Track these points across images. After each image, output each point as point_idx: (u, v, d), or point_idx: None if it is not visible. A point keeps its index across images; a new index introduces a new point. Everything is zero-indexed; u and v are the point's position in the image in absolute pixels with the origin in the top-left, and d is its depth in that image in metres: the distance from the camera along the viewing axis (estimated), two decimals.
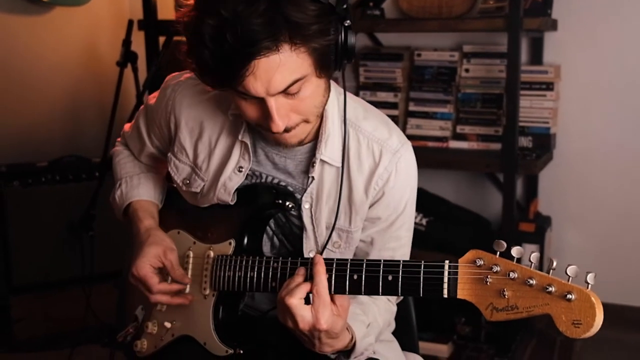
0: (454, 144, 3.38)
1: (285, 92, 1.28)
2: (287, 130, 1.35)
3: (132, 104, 3.38)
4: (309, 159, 1.49)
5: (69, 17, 3.61)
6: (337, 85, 1.48)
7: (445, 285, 1.21)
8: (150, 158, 1.73)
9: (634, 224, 3.34)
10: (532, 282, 1.13)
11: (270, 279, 1.41)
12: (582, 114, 3.35)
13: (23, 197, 3.15)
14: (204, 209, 1.57)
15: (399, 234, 1.53)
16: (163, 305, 1.58)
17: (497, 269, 1.16)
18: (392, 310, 1.58)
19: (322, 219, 1.49)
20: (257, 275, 1.43)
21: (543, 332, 3.24)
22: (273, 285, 1.41)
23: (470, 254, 1.20)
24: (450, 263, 1.22)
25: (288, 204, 1.48)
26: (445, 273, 1.22)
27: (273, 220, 1.56)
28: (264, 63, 1.22)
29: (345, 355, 1.41)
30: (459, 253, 1.22)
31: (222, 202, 1.53)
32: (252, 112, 1.34)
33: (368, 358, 1.46)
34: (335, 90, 1.47)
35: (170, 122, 1.58)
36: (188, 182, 1.57)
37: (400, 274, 1.27)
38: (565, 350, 3.13)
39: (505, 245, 1.16)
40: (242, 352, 1.49)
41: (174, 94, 1.57)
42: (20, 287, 3.17)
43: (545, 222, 3.34)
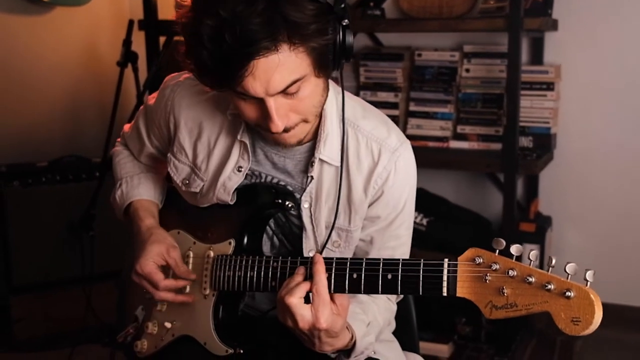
0: (455, 144, 3.38)
1: (284, 92, 1.28)
2: (286, 130, 1.35)
3: (132, 104, 3.38)
4: (308, 159, 1.49)
5: (69, 17, 3.62)
6: (335, 85, 1.48)
7: (445, 284, 1.21)
8: (150, 158, 1.73)
9: (634, 224, 3.33)
10: (531, 279, 1.12)
11: (270, 279, 1.41)
12: (582, 114, 3.35)
13: (23, 197, 3.15)
14: (204, 209, 1.57)
15: (399, 233, 1.53)
16: (163, 306, 1.58)
17: (496, 267, 1.16)
18: (392, 309, 1.58)
19: (321, 219, 1.49)
20: (257, 275, 1.43)
21: (543, 332, 3.23)
22: (273, 285, 1.41)
23: (470, 252, 1.20)
24: (450, 261, 1.22)
25: (288, 204, 1.48)
26: (445, 271, 1.22)
27: (273, 220, 1.56)
28: (263, 63, 1.22)
29: (346, 355, 1.41)
30: (460, 253, 1.22)
31: (221, 202, 1.53)
32: (251, 112, 1.34)
33: (369, 358, 1.46)
34: (334, 90, 1.47)
35: (170, 122, 1.58)
36: (187, 182, 1.58)
37: (400, 273, 1.27)
38: (566, 350, 3.13)
39: (505, 244, 1.16)
40: (242, 351, 1.48)
41: (173, 95, 1.57)
42: (21, 287, 3.17)
43: (546, 222, 3.34)
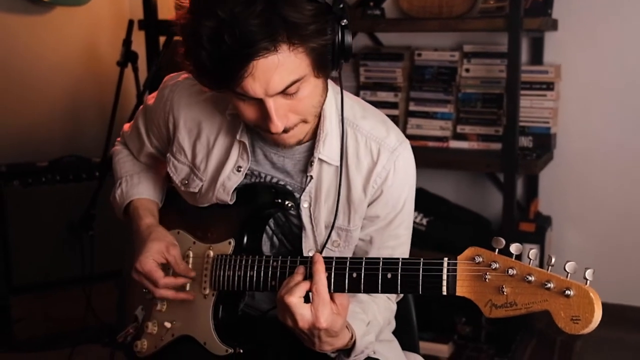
0: (454, 144, 3.38)
1: (284, 92, 1.28)
2: (285, 131, 1.35)
3: (132, 104, 3.38)
4: (307, 158, 1.49)
5: (70, 17, 3.62)
6: (334, 85, 1.48)
7: (445, 283, 1.21)
8: (150, 158, 1.73)
9: (634, 224, 3.33)
10: (530, 278, 1.12)
11: (270, 278, 1.41)
12: (582, 114, 3.35)
13: (23, 196, 3.15)
14: (204, 209, 1.57)
15: (398, 233, 1.53)
16: (163, 305, 1.58)
17: (495, 266, 1.16)
18: (391, 309, 1.58)
19: (321, 218, 1.49)
20: (256, 275, 1.43)
21: (543, 332, 3.24)
22: (273, 284, 1.41)
23: (469, 251, 1.20)
24: (449, 260, 1.22)
25: (287, 203, 1.48)
26: (444, 270, 1.22)
27: (272, 220, 1.56)
28: (263, 64, 1.22)
29: (346, 354, 1.41)
30: (459, 253, 1.22)
31: (221, 201, 1.53)
32: (250, 113, 1.34)
33: (369, 358, 1.46)
34: (333, 90, 1.47)
35: (169, 122, 1.58)
36: (186, 182, 1.58)
37: (400, 272, 1.27)
38: (566, 350, 3.13)
39: (504, 243, 1.16)
40: (242, 351, 1.48)
41: (172, 95, 1.57)
42: (20, 287, 3.17)
43: (546, 222, 3.34)
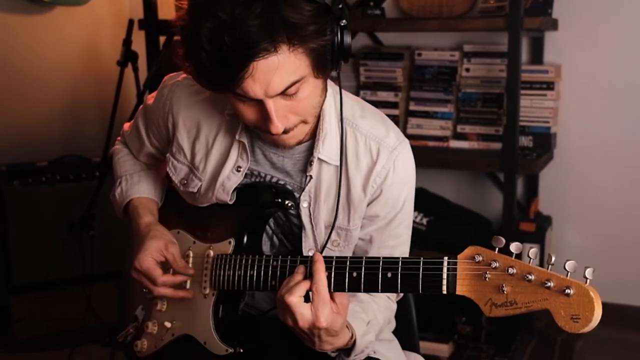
0: (455, 144, 3.38)
1: (284, 93, 1.28)
2: (285, 132, 1.35)
3: (132, 104, 3.38)
4: (307, 158, 1.49)
5: (70, 16, 3.62)
6: (334, 84, 1.48)
7: (445, 282, 1.21)
8: (150, 157, 1.73)
9: (634, 224, 3.33)
10: (530, 277, 1.12)
11: (270, 278, 1.41)
12: (582, 114, 3.35)
13: (23, 196, 3.15)
14: (204, 209, 1.57)
15: (398, 232, 1.53)
16: (163, 305, 1.58)
17: (495, 265, 1.16)
18: (392, 308, 1.58)
19: (320, 218, 1.49)
20: (256, 274, 1.43)
21: (543, 332, 3.23)
22: (273, 284, 1.41)
23: (469, 250, 1.20)
24: (449, 259, 1.22)
25: (287, 203, 1.49)
26: (444, 269, 1.22)
27: (272, 219, 1.56)
28: (263, 65, 1.22)
29: (346, 354, 1.41)
30: (460, 253, 1.22)
31: (220, 201, 1.53)
32: (250, 114, 1.34)
33: (369, 357, 1.46)
34: (332, 89, 1.47)
35: (168, 122, 1.58)
36: (185, 182, 1.58)
37: (400, 271, 1.27)
38: (566, 350, 3.13)
39: (504, 242, 1.16)
40: (242, 351, 1.49)
41: (172, 94, 1.57)
42: (21, 286, 3.16)
43: (546, 221, 3.34)
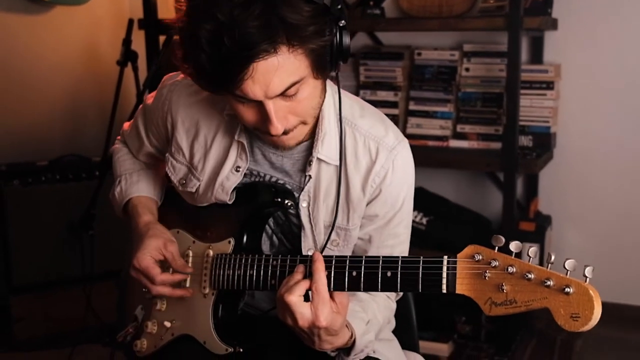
0: (454, 143, 3.38)
1: (283, 94, 1.28)
2: (285, 133, 1.35)
3: (132, 103, 3.38)
4: (306, 158, 1.49)
5: (69, 16, 3.62)
6: (333, 84, 1.48)
7: (444, 281, 1.21)
8: (149, 157, 1.73)
9: (634, 223, 3.34)
10: (530, 276, 1.12)
11: (270, 277, 1.41)
12: (582, 113, 3.35)
13: (23, 196, 3.15)
14: (203, 208, 1.57)
15: (397, 231, 1.53)
16: (163, 305, 1.58)
17: (495, 264, 1.16)
18: (391, 308, 1.58)
19: (319, 218, 1.49)
20: (256, 274, 1.43)
21: (543, 331, 3.24)
22: (272, 283, 1.41)
23: (469, 249, 1.20)
24: (449, 258, 1.22)
25: (287, 202, 1.49)
26: (444, 268, 1.22)
27: (272, 219, 1.56)
28: (262, 66, 1.22)
29: (346, 353, 1.41)
30: (459, 252, 1.21)
31: (220, 201, 1.53)
32: (249, 115, 1.34)
33: (369, 357, 1.46)
34: (331, 89, 1.47)
35: (167, 122, 1.58)
36: (184, 182, 1.58)
37: (399, 270, 1.27)
38: (566, 350, 3.13)
39: (504, 240, 1.16)
40: (241, 350, 1.48)
41: (171, 94, 1.57)
42: (20, 286, 3.16)
43: (546, 221, 3.34)
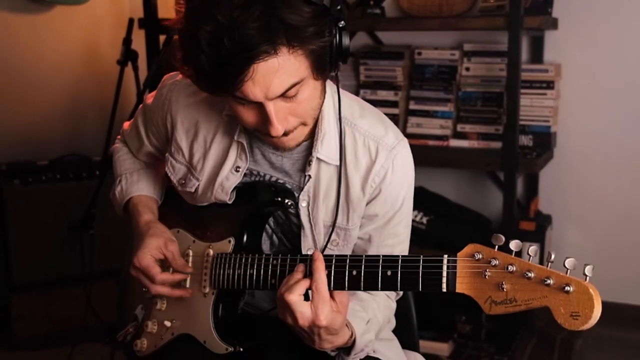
0: (455, 143, 3.38)
1: (284, 95, 1.28)
2: (285, 134, 1.35)
3: (132, 103, 3.38)
4: (306, 158, 1.49)
5: (69, 15, 3.62)
6: (332, 84, 1.48)
7: (444, 280, 1.21)
8: (149, 156, 1.73)
9: (634, 223, 3.34)
10: (530, 275, 1.13)
11: (270, 276, 1.41)
12: (582, 113, 3.35)
13: (23, 195, 3.15)
14: (203, 208, 1.57)
15: (397, 231, 1.53)
16: (163, 304, 1.58)
17: (495, 263, 1.16)
18: (391, 307, 1.58)
19: (319, 218, 1.49)
20: (256, 273, 1.43)
21: (543, 330, 3.24)
22: (273, 283, 1.41)
23: (469, 248, 1.20)
24: (449, 257, 1.22)
25: (287, 202, 1.49)
26: (444, 267, 1.22)
27: (272, 218, 1.56)
28: (263, 67, 1.22)
29: (346, 352, 1.41)
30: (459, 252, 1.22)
31: (220, 201, 1.53)
32: (250, 117, 1.34)
33: (369, 357, 1.46)
34: (331, 89, 1.47)
35: (167, 121, 1.58)
36: (183, 182, 1.58)
37: (399, 269, 1.27)
38: (566, 349, 3.13)
39: (504, 239, 1.16)
40: (241, 350, 1.49)
41: (170, 94, 1.57)
42: (21, 285, 3.17)
43: (546, 220, 3.34)
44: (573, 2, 3.28)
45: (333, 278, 1.32)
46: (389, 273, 1.27)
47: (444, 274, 1.21)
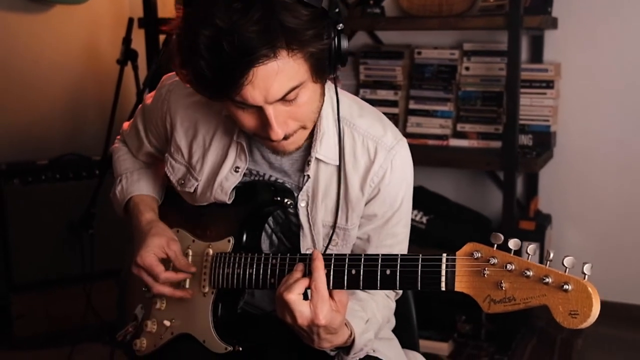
0: (454, 142, 3.38)
1: (283, 99, 1.28)
2: (285, 138, 1.35)
3: (132, 102, 3.39)
4: (305, 158, 1.49)
5: (69, 15, 3.62)
6: (331, 84, 1.48)
7: (443, 279, 1.21)
8: (148, 156, 1.73)
9: (634, 223, 3.34)
10: (529, 273, 1.13)
11: (269, 276, 1.41)
12: (582, 112, 3.35)
13: (23, 195, 3.15)
14: (203, 207, 1.57)
15: (396, 231, 1.53)
16: (162, 304, 1.58)
17: (494, 261, 1.16)
18: (390, 307, 1.58)
19: (318, 217, 1.49)
20: (256, 272, 1.43)
21: (544, 330, 3.24)
22: (272, 282, 1.41)
23: (468, 247, 1.20)
24: (448, 256, 1.22)
25: (287, 201, 1.48)
26: (443, 266, 1.21)
27: (272, 218, 1.56)
28: (262, 71, 1.22)
29: (345, 352, 1.41)
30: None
31: (219, 201, 1.53)
32: (249, 121, 1.33)
33: (368, 356, 1.46)
34: (330, 89, 1.47)
35: (166, 122, 1.58)
36: (183, 182, 1.58)
37: (398, 268, 1.27)
38: (566, 349, 3.13)
39: (503, 238, 1.16)
40: (241, 349, 1.48)
41: (170, 94, 1.57)
42: (21, 285, 3.17)
43: (546, 220, 3.34)
44: (573, 1, 3.28)
45: (332, 277, 1.32)
46: (388, 272, 1.27)
47: (443, 273, 1.21)
